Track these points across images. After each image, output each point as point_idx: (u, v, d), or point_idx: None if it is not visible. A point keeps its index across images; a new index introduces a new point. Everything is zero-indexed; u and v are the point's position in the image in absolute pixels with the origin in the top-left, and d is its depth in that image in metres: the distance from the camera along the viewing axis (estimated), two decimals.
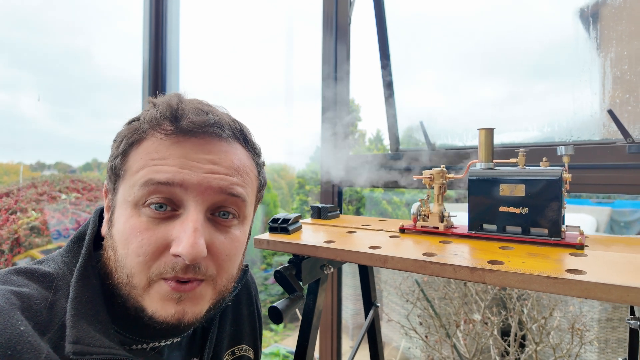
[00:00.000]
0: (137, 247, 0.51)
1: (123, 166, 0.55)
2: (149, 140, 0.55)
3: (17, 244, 2.23)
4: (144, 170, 0.53)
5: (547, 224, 0.70)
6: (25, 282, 0.52)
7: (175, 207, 0.53)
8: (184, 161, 0.53)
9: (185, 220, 0.52)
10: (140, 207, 0.53)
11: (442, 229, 0.82)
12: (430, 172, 0.84)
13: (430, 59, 1.65)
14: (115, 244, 0.54)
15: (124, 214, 0.54)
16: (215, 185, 0.54)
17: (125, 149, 0.55)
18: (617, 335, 1.84)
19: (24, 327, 0.45)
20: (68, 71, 2.71)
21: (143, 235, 0.52)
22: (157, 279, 0.52)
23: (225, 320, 0.73)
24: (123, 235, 0.53)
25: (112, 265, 0.55)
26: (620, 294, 0.50)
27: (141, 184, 0.52)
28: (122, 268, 0.53)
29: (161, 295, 0.52)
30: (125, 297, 0.54)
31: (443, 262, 0.62)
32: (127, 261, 0.52)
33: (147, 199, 0.52)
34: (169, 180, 0.52)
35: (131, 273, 0.52)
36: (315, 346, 0.88)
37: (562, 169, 0.71)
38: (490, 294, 1.85)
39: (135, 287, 0.52)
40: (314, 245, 0.77)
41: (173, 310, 0.52)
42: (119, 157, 0.56)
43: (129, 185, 0.54)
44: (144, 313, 0.53)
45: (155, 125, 0.55)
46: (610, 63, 1.21)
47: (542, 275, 0.54)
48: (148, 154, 0.54)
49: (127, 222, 0.53)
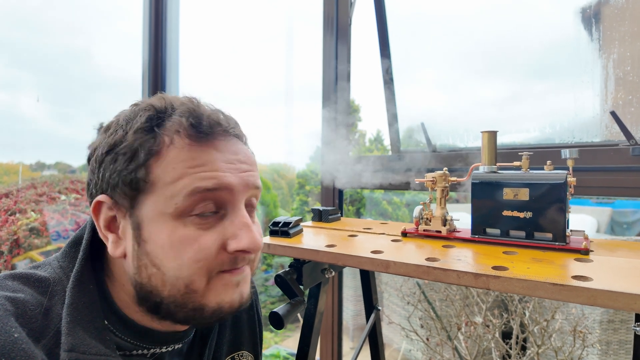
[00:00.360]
0: (195, 254, 0.51)
1: (148, 178, 0.51)
2: (175, 148, 0.52)
3: (16, 245, 2.22)
4: (185, 179, 0.51)
5: (551, 229, 0.69)
6: (21, 287, 0.51)
7: (218, 208, 0.54)
8: (222, 164, 0.54)
9: (236, 218, 0.55)
10: (185, 217, 0.52)
11: (445, 233, 0.81)
12: (432, 175, 0.83)
13: (430, 58, 1.64)
14: (157, 260, 0.52)
15: (164, 227, 0.51)
16: (251, 182, 0.57)
17: (145, 160, 0.52)
18: (618, 337, 1.83)
19: (18, 333, 0.45)
20: (68, 71, 2.71)
21: (198, 242, 0.52)
22: (216, 274, 0.54)
23: (225, 326, 0.72)
24: (171, 248, 0.51)
25: (156, 282, 0.52)
26: (627, 302, 0.49)
27: (186, 193, 0.51)
28: (177, 279, 0.52)
29: (223, 285, 0.54)
30: (180, 306, 0.53)
31: (446, 268, 0.61)
32: (183, 271, 0.51)
33: (195, 207, 0.52)
34: (216, 186, 0.52)
35: (190, 281, 0.52)
36: (316, 347, 0.87)
37: (566, 173, 0.70)
38: (492, 296, 1.84)
39: (196, 291, 0.53)
40: (315, 249, 0.76)
41: (235, 295, 0.55)
42: (141, 170, 0.51)
43: (164, 197, 0.51)
44: (205, 310, 0.53)
45: (178, 130, 0.53)
46: (612, 64, 1.20)
47: (547, 282, 0.54)
48: (182, 161, 0.51)
49: (174, 234, 0.51)
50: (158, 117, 0.54)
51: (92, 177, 0.56)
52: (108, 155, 0.53)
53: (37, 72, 2.57)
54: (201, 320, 0.54)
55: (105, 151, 0.53)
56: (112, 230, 0.55)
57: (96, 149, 0.55)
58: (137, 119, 0.54)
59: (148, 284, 0.53)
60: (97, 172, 0.55)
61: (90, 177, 0.56)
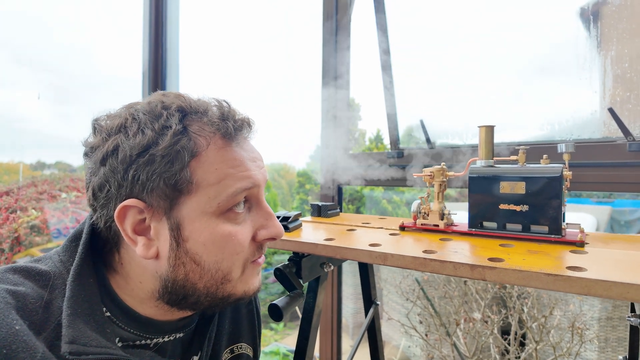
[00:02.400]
0: (235, 246, 0.56)
1: (192, 179, 0.52)
2: (213, 149, 0.54)
3: (17, 243, 2.23)
4: (227, 180, 0.54)
5: (547, 222, 0.70)
6: (21, 280, 0.51)
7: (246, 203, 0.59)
8: (250, 164, 0.58)
9: (261, 209, 0.61)
10: (224, 214, 0.55)
11: (442, 227, 0.82)
12: (430, 170, 0.84)
13: (431, 57, 1.65)
14: (197, 257, 0.54)
15: (206, 226, 0.54)
16: (266, 177, 0.62)
17: (188, 161, 0.52)
18: (617, 334, 1.84)
19: (19, 326, 0.45)
20: (68, 69, 2.71)
21: (236, 236, 0.56)
22: (247, 264, 0.59)
23: (224, 319, 0.73)
24: (214, 244, 0.55)
25: (193, 277, 0.55)
26: (620, 291, 0.50)
27: (230, 193, 0.54)
28: (217, 272, 0.56)
29: (251, 275, 0.61)
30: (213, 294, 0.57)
31: (443, 260, 0.62)
32: (223, 264, 0.56)
33: (234, 204, 0.56)
34: (251, 185, 0.57)
35: (229, 270, 0.57)
36: (315, 344, 0.88)
37: (562, 167, 0.71)
38: (491, 292, 1.85)
39: (231, 280, 0.58)
40: (313, 242, 0.77)
41: (258, 283, 0.63)
42: (185, 170, 0.52)
43: (207, 197, 0.53)
44: (230, 298, 0.59)
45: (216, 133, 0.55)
46: (610, 61, 1.21)
47: (542, 272, 0.54)
48: (223, 162, 0.54)
49: (216, 232, 0.55)
50: (192, 118, 0.55)
51: (112, 179, 0.52)
52: (140, 157, 0.51)
53: (38, 71, 2.58)
54: (221, 305, 0.60)
55: (137, 153, 0.51)
56: (141, 233, 0.54)
57: (116, 150, 0.52)
58: (170, 120, 0.53)
59: (184, 279, 0.55)
60: (122, 174, 0.52)
61: (108, 179, 0.53)
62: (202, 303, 0.58)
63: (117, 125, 0.54)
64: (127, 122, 0.54)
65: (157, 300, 0.57)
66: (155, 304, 0.58)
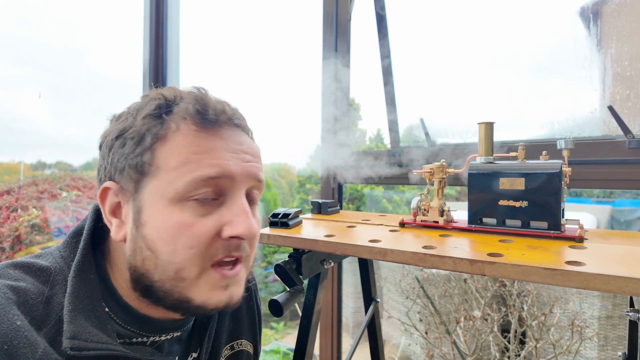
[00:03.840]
0: (189, 240, 0.52)
1: (153, 162, 0.53)
2: (181, 134, 0.53)
3: (18, 242, 2.23)
4: (188, 165, 0.52)
5: (546, 218, 0.70)
6: (22, 276, 0.52)
7: (218, 195, 0.55)
8: (226, 153, 0.54)
9: (234, 205, 0.55)
10: (183, 202, 0.52)
11: (442, 223, 0.82)
12: (430, 167, 0.84)
13: (431, 56, 1.65)
14: (152, 244, 0.53)
15: (161, 212, 0.52)
16: (253, 172, 0.57)
17: (152, 144, 0.53)
18: (617, 332, 1.84)
19: (20, 321, 0.45)
20: (69, 69, 2.71)
21: (193, 228, 0.52)
22: (208, 267, 0.54)
23: (224, 315, 0.73)
24: (166, 232, 0.52)
25: (149, 265, 0.53)
26: (619, 285, 0.50)
27: (189, 180, 0.51)
28: (169, 264, 0.52)
29: (211, 285, 0.54)
30: (169, 292, 0.53)
31: (442, 255, 0.62)
32: (176, 257, 0.52)
33: (194, 193, 0.52)
34: (219, 174, 0.53)
35: (181, 267, 0.52)
36: (315, 340, 0.88)
37: (561, 163, 0.71)
38: (490, 290, 1.85)
39: (185, 280, 0.53)
40: (313, 239, 0.77)
41: (223, 297, 0.55)
42: (147, 154, 0.53)
43: (166, 181, 0.52)
44: (190, 303, 0.54)
45: (184, 117, 0.54)
46: (610, 59, 1.21)
47: (541, 266, 0.54)
48: (187, 147, 0.53)
49: (170, 219, 0.52)
50: (167, 105, 0.55)
51: (102, 162, 0.57)
52: (117, 140, 0.55)
53: (38, 70, 2.58)
54: (187, 311, 0.55)
55: (115, 136, 0.55)
56: (116, 216, 0.56)
57: (107, 136, 0.57)
58: (147, 107, 0.56)
59: (141, 266, 0.54)
60: (106, 157, 0.56)
61: (100, 163, 0.58)
62: (165, 300, 0.54)
63: (117, 116, 0.59)
64: (123, 112, 0.58)
65: (134, 292, 0.56)
66: (137, 297, 0.57)
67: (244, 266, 0.58)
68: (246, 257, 0.58)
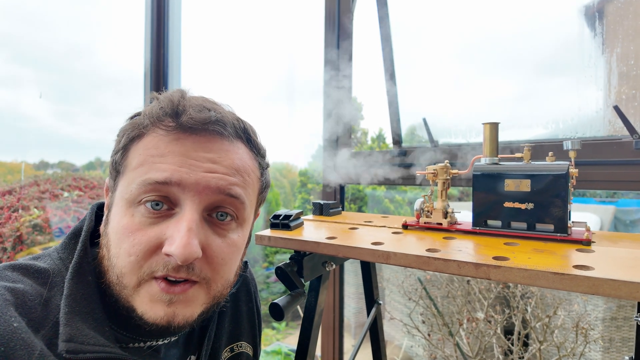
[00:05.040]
0: (129, 246, 0.50)
1: (123, 162, 0.54)
2: (149, 136, 0.54)
3: (19, 242, 2.23)
4: (142, 167, 0.52)
5: (553, 220, 0.69)
6: (20, 278, 0.51)
7: (172, 205, 0.52)
8: (182, 159, 0.51)
9: (180, 219, 0.51)
10: (135, 206, 0.51)
11: (446, 225, 0.81)
12: (434, 168, 0.83)
13: (433, 56, 1.64)
14: (109, 243, 0.53)
15: (118, 213, 0.53)
16: (214, 184, 0.52)
17: (125, 144, 0.55)
18: (621, 334, 1.82)
19: (18, 323, 0.45)
20: (71, 68, 2.71)
21: (135, 235, 0.50)
22: (148, 279, 0.51)
23: (224, 318, 0.72)
24: (116, 234, 0.52)
25: (105, 263, 0.54)
26: (629, 290, 0.48)
27: (138, 182, 0.51)
28: (114, 268, 0.52)
29: (151, 296, 0.51)
30: (117, 296, 0.53)
31: (447, 258, 0.61)
32: (118, 261, 0.51)
33: (143, 197, 0.51)
34: (166, 180, 0.50)
35: (121, 273, 0.51)
36: (317, 343, 0.87)
37: (568, 164, 0.69)
38: (494, 292, 1.83)
39: (126, 287, 0.51)
40: (315, 241, 0.76)
41: (162, 313, 0.51)
42: (120, 153, 0.55)
43: (127, 182, 0.53)
44: (134, 313, 0.52)
45: (156, 120, 0.54)
46: (616, 59, 1.19)
47: (548, 271, 0.53)
48: (147, 150, 0.53)
49: (120, 221, 0.52)
50: (152, 107, 0.56)
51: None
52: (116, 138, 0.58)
53: (40, 69, 2.58)
54: (140, 323, 0.51)
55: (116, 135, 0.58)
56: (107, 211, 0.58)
57: None
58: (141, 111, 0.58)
59: (101, 264, 0.55)
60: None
61: None
62: (121, 308, 0.52)
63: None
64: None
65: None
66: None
67: (202, 289, 0.53)
68: (204, 281, 0.53)
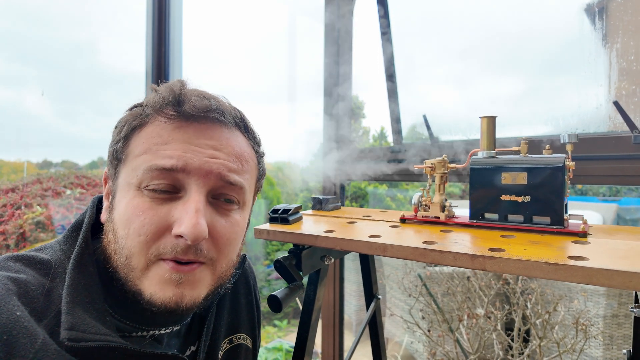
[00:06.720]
0: (139, 226, 0.52)
1: (125, 150, 0.56)
2: (152, 125, 0.55)
3: (22, 239, 2.25)
4: (147, 154, 0.54)
5: (549, 213, 0.69)
6: (23, 268, 0.52)
7: (177, 190, 0.54)
8: (186, 146, 0.54)
9: (187, 201, 0.53)
10: (142, 189, 0.54)
11: (443, 219, 0.81)
12: (431, 162, 0.83)
13: (434, 54, 1.64)
14: (115, 227, 0.55)
15: (126, 196, 0.54)
16: (216, 169, 0.55)
17: (127, 134, 0.56)
18: (622, 331, 1.82)
19: (20, 312, 0.45)
20: (73, 66, 2.72)
21: (145, 214, 0.52)
22: (156, 260, 0.52)
23: (223, 309, 0.73)
24: (125, 215, 0.53)
25: (111, 248, 0.55)
26: (623, 280, 0.49)
27: (145, 168, 0.53)
28: (122, 249, 0.53)
29: (160, 277, 0.52)
30: (124, 280, 0.54)
31: (443, 250, 0.62)
32: (127, 241, 0.53)
33: (150, 183, 0.53)
34: (172, 166, 0.53)
35: (130, 253, 0.52)
36: (315, 336, 0.87)
37: (565, 157, 0.70)
38: (494, 288, 1.83)
39: (134, 269, 0.53)
40: (313, 234, 0.77)
41: (172, 293, 0.52)
42: (121, 142, 0.56)
43: (131, 168, 0.55)
44: (142, 296, 0.53)
45: (158, 109, 0.56)
46: (616, 54, 1.19)
47: (543, 261, 0.54)
48: (150, 138, 0.55)
49: (130, 202, 0.53)
50: (152, 97, 0.57)
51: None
52: (114, 130, 0.59)
53: (42, 67, 2.59)
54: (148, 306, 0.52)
55: (114, 127, 0.59)
56: (107, 200, 0.60)
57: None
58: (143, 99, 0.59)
59: (106, 249, 0.56)
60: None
61: None
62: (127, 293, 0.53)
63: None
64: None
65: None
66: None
67: (208, 270, 0.55)
68: (210, 261, 0.55)
